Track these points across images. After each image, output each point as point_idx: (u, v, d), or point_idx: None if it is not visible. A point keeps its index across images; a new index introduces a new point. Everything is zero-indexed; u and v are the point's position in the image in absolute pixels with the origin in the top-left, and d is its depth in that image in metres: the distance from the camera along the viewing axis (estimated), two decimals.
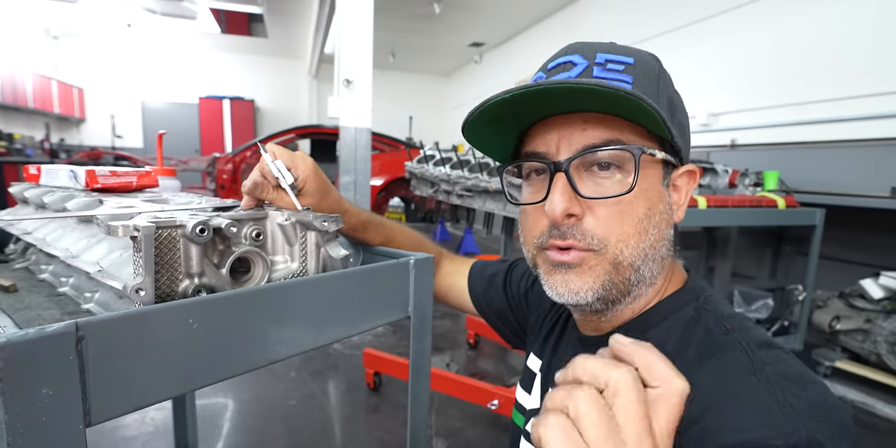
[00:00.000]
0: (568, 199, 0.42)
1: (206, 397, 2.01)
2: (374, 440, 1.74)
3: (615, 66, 0.44)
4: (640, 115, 0.41)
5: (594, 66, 0.44)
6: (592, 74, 0.43)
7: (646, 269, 0.44)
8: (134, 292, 0.32)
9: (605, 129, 0.43)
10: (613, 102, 0.40)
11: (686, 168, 0.48)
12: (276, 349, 0.39)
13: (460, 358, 2.56)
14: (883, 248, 2.50)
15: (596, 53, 0.45)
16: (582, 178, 0.44)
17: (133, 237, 0.33)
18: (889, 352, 2.04)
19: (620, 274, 0.44)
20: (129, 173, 0.65)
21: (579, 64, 0.44)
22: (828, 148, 2.82)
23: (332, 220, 0.45)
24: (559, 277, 0.45)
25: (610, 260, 0.43)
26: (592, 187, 0.43)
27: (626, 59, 0.44)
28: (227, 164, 4.89)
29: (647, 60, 0.46)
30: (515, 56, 7.00)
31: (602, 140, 0.42)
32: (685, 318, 0.46)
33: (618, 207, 0.43)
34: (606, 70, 0.43)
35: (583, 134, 0.43)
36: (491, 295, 0.74)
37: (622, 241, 0.43)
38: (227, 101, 8.45)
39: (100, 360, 0.28)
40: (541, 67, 0.49)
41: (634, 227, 0.43)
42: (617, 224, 0.43)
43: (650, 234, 0.44)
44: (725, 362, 0.40)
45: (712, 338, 0.43)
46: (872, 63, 2.60)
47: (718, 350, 0.41)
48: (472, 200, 1.90)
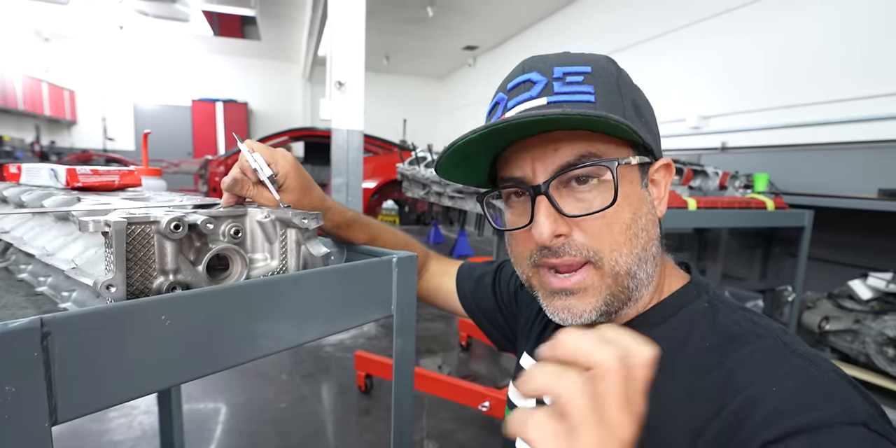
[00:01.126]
0: (553, 220, 0.43)
1: (197, 401, 1.99)
2: (364, 443, 1.73)
3: (574, 77, 0.44)
4: (610, 130, 0.41)
5: (553, 81, 0.44)
6: (553, 90, 0.43)
7: (642, 273, 0.45)
8: (104, 288, 0.31)
9: (576, 144, 0.43)
10: (581, 122, 0.40)
11: (661, 162, 0.48)
12: (255, 346, 0.38)
13: (452, 360, 2.55)
14: (871, 249, 2.52)
15: (552, 68, 0.44)
16: (562, 196, 0.44)
17: (104, 233, 0.32)
18: (877, 352, 2.05)
19: (619, 284, 0.44)
20: (112, 172, 0.64)
21: (538, 81, 0.44)
22: (816, 150, 2.85)
23: (313, 218, 0.45)
24: (560, 304, 0.45)
25: (609, 272, 0.44)
26: (574, 204, 0.44)
27: (584, 68, 0.44)
28: (219, 167, 4.87)
29: (603, 65, 0.46)
30: (509, 59, 7.02)
31: (575, 157, 0.43)
32: (699, 309, 0.46)
33: (604, 220, 0.43)
34: (566, 83, 0.43)
35: (556, 153, 0.43)
36: (479, 295, 0.74)
37: (615, 251, 0.43)
38: (221, 104, 8.43)
39: (67, 357, 0.28)
40: (500, 87, 0.49)
41: (624, 235, 0.43)
42: (607, 235, 0.43)
43: (640, 238, 0.44)
44: (761, 348, 0.40)
45: (739, 326, 0.43)
46: (860, 66, 2.64)
47: (750, 337, 0.42)
48: (464, 202, 1.90)
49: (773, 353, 0.39)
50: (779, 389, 0.36)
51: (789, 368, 0.37)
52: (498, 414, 1.71)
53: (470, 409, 1.91)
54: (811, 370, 0.37)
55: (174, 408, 1.08)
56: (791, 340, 0.41)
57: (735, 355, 0.40)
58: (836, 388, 0.35)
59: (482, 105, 7.94)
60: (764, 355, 0.39)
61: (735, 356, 0.40)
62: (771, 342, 0.40)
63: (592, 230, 0.43)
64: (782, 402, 0.35)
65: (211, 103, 8.40)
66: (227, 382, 2.16)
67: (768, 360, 0.39)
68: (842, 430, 0.31)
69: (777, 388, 0.36)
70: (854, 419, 0.32)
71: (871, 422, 0.32)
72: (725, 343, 0.42)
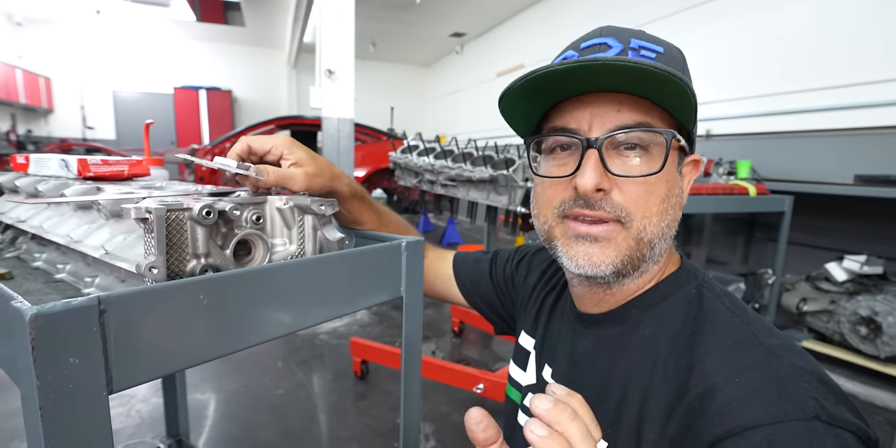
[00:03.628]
0: (599, 174, 0.43)
1: (192, 389, 2.01)
2: (362, 426, 1.78)
3: (648, 53, 0.45)
4: (677, 101, 0.43)
5: (629, 50, 0.45)
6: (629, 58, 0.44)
7: (658, 248, 0.46)
8: (148, 270, 0.34)
9: (637, 111, 0.44)
10: (656, 86, 0.41)
11: (693, 157, 0.51)
12: (281, 324, 0.41)
13: (445, 345, 2.61)
14: (846, 233, 2.62)
15: (630, 39, 0.46)
16: (611, 156, 0.45)
17: (144, 219, 0.34)
18: (851, 331, 2.15)
19: (640, 250, 0.45)
20: (121, 162, 0.66)
21: (614, 46, 0.45)
22: (796, 137, 2.93)
23: (329, 204, 0.47)
24: (581, 249, 0.46)
25: (634, 235, 0.45)
26: (621, 166, 0.45)
27: (657, 47, 0.46)
28: (206, 156, 4.80)
29: (674, 52, 0.47)
30: (496, 46, 7.00)
31: (635, 122, 0.44)
32: (688, 295, 0.49)
33: (644, 186, 0.44)
34: (640, 56, 0.44)
35: (617, 114, 0.44)
36: (477, 280, 0.76)
37: (647, 218, 0.45)
38: (204, 92, 8.26)
39: (120, 332, 0.30)
40: (570, 46, 0.49)
41: (658, 206, 0.45)
42: (643, 201, 0.44)
43: (668, 214, 0.46)
44: (731, 336, 0.43)
45: (717, 313, 0.46)
46: (838, 56, 2.70)
47: (724, 325, 0.44)
48: (456, 190, 1.92)
49: (741, 344, 0.41)
50: (740, 381, 0.38)
51: (752, 361, 0.40)
52: (492, 395, 1.77)
53: (464, 392, 1.96)
54: (773, 363, 0.39)
55: (179, 394, 1.11)
56: (760, 330, 0.43)
57: (709, 341, 0.43)
58: (791, 383, 0.37)
59: (470, 92, 7.91)
60: (732, 344, 0.42)
61: (709, 342, 0.43)
62: (742, 332, 0.43)
63: (631, 193, 0.44)
64: (740, 394, 0.37)
65: (194, 91, 8.23)
66: (222, 371, 2.18)
67: (735, 350, 0.41)
68: (796, 425, 0.34)
69: (739, 379, 0.38)
70: (806, 415, 0.35)
71: (821, 414, 0.35)
72: (703, 329, 0.44)
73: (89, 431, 0.29)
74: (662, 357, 0.45)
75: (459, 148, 1.97)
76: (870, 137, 2.57)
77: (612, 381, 0.48)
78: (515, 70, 6.31)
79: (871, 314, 2.07)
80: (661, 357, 0.45)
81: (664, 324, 0.47)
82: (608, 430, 0.46)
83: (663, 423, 0.41)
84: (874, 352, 2.07)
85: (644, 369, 0.45)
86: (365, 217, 0.63)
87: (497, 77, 6.84)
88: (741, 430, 0.35)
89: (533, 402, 0.28)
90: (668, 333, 0.46)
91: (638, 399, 0.44)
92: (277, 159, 0.53)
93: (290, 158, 0.52)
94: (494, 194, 1.79)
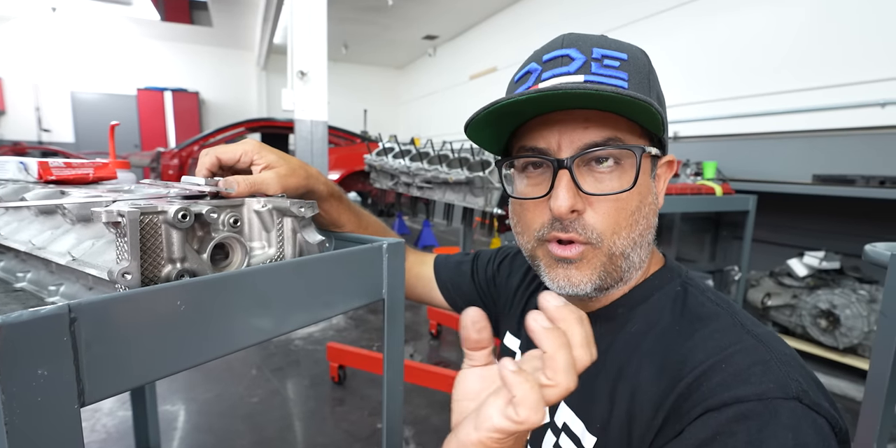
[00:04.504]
0: (572, 195, 0.44)
1: (162, 400, 1.94)
2: (341, 432, 1.75)
3: (611, 62, 0.45)
4: (643, 117, 0.43)
5: (591, 61, 0.45)
6: (590, 70, 0.44)
7: (635, 256, 0.47)
8: (121, 276, 0.32)
9: (606, 127, 0.44)
10: (620, 104, 0.41)
11: (666, 158, 0.51)
12: (261, 329, 0.40)
13: (423, 348, 2.60)
14: (806, 231, 2.74)
15: (592, 48, 0.45)
16: (581, 173, 0.45)
17: (116, 223, 0.33)
18: (812, 324, 2.25)
19: (614, 263, 0.46)
20: (85, 165, 0.63)
21: (577, 58, 0.45)
22: (758, 139, 3.05)
23: (309, 206, 0.46)
24: (561, 272, 0.47)
25: (605, 252, 0.46)
26: (593, 184, 0.45)
27: (620, 54, 0.46)
28: (172, 160, 4.66)
29: (638, 56, 0.47)
30: (469, 50, 7.05)
31: (603, 138, 0.44)
32: (673, 292, 0.50)
33: (616, 203, 0.45)
34: (604, 66, 0.45)
35: (585, 132, 0.44)
36: (459, 282, 0.76)
37: (615, 234, 0.45)
38: (169, 93, 8.03)
39: (92, 342, 0.29)
40: (532, 57, 0.49)
41: (627, 220, 0.46)
42: (613, 218, 0.45)
43: (639, 225, 0.47)
44: (720, 328, 0.44)
45: (703, 307, 0.47)
46: (797, 61, 2.83)
47: (712, 318, 0.45)
48: (433, 192, 1.92)
49: (730, 333, 0.43)
50: (727, 366, 0.39)
51: (740, 347, 0.41)
52: None
53: (442, 394, 1.96)
54: (760, 349, 0.40)
55: (149, 405, 1.07)
56: (747, 321, 0.45)
57: (698, 334, 0.44)
58: (776, 365, 0.38)
59: (443, 95, 7.93)
60: (721, 335, 0.43)
61: (697, 334, 0.44)
62: (729, 322, 0.44)
63: (603, 211, 0.45)
64: (726, 377, 0.38)
65: (158, 92, 7.99)
66: (193, 380, 2.12)
67: (724, 339, 0.42)
68: (774, 402, 0.35)
69: (726, 364, 0.40)
70: (787, 394, 0.36)
71: (802, 396, 0.36)
72: (691, 324, 0.45)
73: (60, 447, 0.28)
74: (651, 353, 0.46)
75: (435, 150, 1.97)
76: (826, 139, 2.70)
77: (601, 379, 0.48)
78: (488, 73, 6.36)
79: (829, 307, 2.17)
80: (650, 353, 0.46)
81: (651, 321, 0.48)
82: (597, 426, 0.47)
83: (652, 416, 0.42)
84: (833, 343, 2.17)
85: (632, 366, 0.46)
86: (343, 218, 0.62)
87: (470, 80, 6.89)
88: (720, 405, 0.36)
89: (543, 297, 0.27)
90: (656, 330, 0.47)
91: (627, 395, 0.45)
92: (248, 166, 0.52)
93: (260, 163, 0.51)
94: (471, 196, 1.80)
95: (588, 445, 0.47)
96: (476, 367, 0.31)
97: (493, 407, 0.26)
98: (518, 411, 0.24)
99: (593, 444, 0.47)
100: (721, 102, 3.27)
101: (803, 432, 0.34)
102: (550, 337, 0.25)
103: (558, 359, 0.25)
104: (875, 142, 2.50)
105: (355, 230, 0.64)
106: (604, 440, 0.46)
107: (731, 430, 0.35)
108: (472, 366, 0.31)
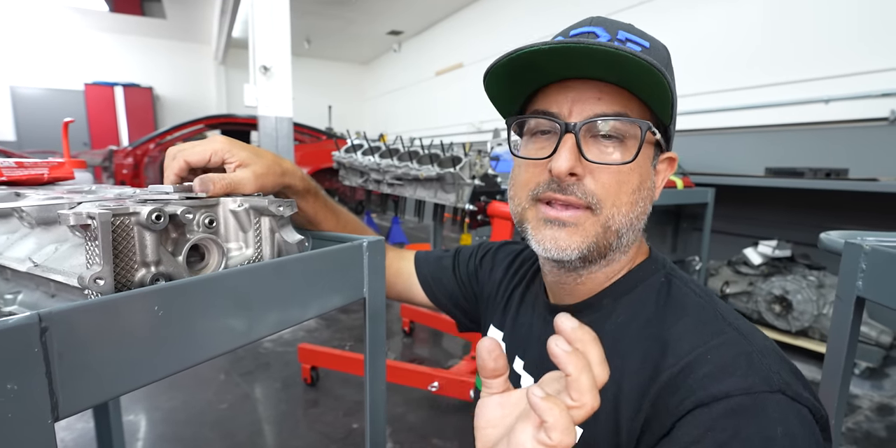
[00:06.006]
0: (574, 158, 0.44)
1: (126, 411, 1.86)
2: (315, 434, 1.72)
3: (634, 46, 0.46)
4: (655, 94, 0.44)
5: (616, 41, 0.46)
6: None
7: (626, 238, 0.48)
8: (93, 282, 0.30)
9: (617, 102, 0.45)
10: (635, 75, 0.42)
11: (668, 155, 0.52)
12: (242, 333, 0.39)
13: (397, 346, 2.58)
14: (760, 221, 2.88)
15: (618, 30, 0.46)
16: (587, 143, 0.46)
17: (85, 226, 0.31)
18: (767, 309, 2.37)
19: (607, 238, 0.47)
20: (40, 164, 0.59)
21: (602, 36, 0.46)
22: (715, 134, 3.19)
23: (287, 205, 0.45)
24: (548, 233, 0.47)
25: (602, 222, 0.46)
26: (596, 153, 0.46)
27: (644, 41, 0.47)
28: (126, 158, 4.44)
29: (660, 47, 0.48)
30: (434, 45, 7.02)
31: (614, 111, 0.45)
32: (657, 284, 0.51)
33: (617, 176, 0.46)
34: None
35: (597, 102, 0.45)
36: (440, 277, 0.75)
37: (616, 207, 0.46)
38: (120, 89, 7.64)
39: (65, 352, 0.27)
40: (560, 33, 0.50)
41: (629, 197, 0.46)
42: (614, 190, 0.46)
43: (638, 206, 0.47)
44: (703, 320, 0.45)
45: (687, 298, 0.48)
46: (749, 59, 2.96)
47: (695, 309, 0.46)
48: (403, 189, 1.91)
49: (712, 325, 0.44)
50: (712, 357, 0.41)
51: (724, 339, 0.42)
52: (446, 393, 1.77)
53: (418, 392, 1.96)
54: (741, 342, 0.42)
55: (112, 416, 1.02)
56: (727, 313, 0.46)
57: (681, 324, 0.45)
58: (758, 358, 0.40)
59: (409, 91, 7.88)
60: (704, 326, 0.44)
61: (681, 325, 0.45)
62: (712, 314, 0.45)
63: (604, 180, 0.45)
64: (712, 370, 0.40)
65: (108, 87, 7.59)
66: (156, 388, 2.03)
67: (707, 331, 0.43)
68: (761, 397, 0.37)
69: (710, 356, 0.41)
70: (771, 387, 0.37)
71: (785, 388, 0.37)
72: (675, 314, 0.47)
73: None
74: (635, 342, 0.47)
75: (405, 146, 1.96)
76: (777, 134, 2.85)
77: None
78: (454, 69, 6.36)
79: (783, 293, 2.30)
80: (635, 342, 0.47)
81: (636, 311, 0.49)
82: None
83: (638, 405, 0.43)
84: (787, 327, 2.29)
85: (618, 355, 0.47)
86: (320, 216, 0.61)
87: (436, 76, 6.86)
88: (710, 401, 0.38)
89: (560, 320, 0.28)
90: (640, 320, 0.48)
91: (613, 385, 0.46)
92: (220, 164, 0.49)
93: (232, 161, 0.48)
94: (442, 192, 1.80)
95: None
96: (495, 395, 0.31)
97: (524, 434, 0.26)
98: (551, 436, 0.24)
99: (580, 435, 0.48)
100: (680, 99, 3.38)
101: (790, 424, 0.36)
102: (573, 361, 0.26)
103: (583, 381, 0.25)
104: (820, 136, 2.66)
105: (333, 228, 0.63)
106: (591, 430, 0.47)
107: (721, 426, 0.36)
108: (491, 393, 0.32)
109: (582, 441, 0.47)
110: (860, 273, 0.57)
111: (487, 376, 0.31)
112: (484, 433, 0.31)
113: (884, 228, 0.78)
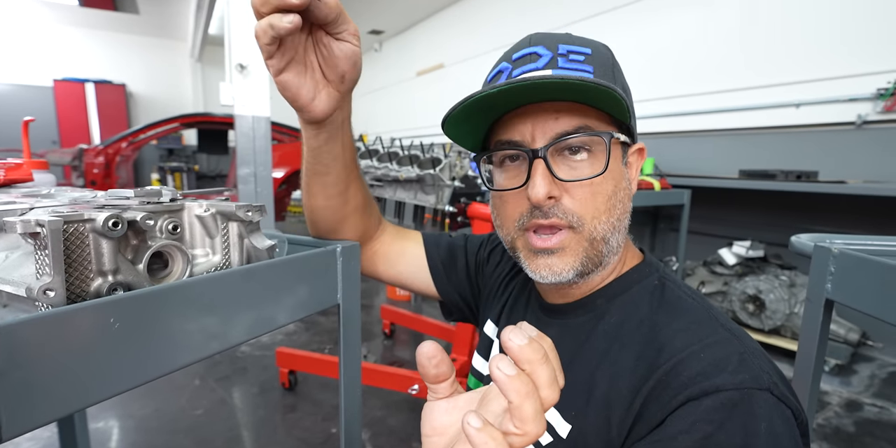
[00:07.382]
0: (548, 182, 0.46)
1: (92, 418, 1.80)
2: (294, 439, 1.70)
3: (576, 56, 0.47)
4: (609, 105, 0.45)
5: (558, 57, 0.47)
6: (558, 65, 0.47)
7: (613, 240, 0.49)
8: (42, 294, 0.29)
9: (575, 116, 0.46)
10: (587, 93, 0.43)
11: (636, 146, 0.54)
12: (208, 344, 0.37)
13: (377, 348, 2.56)
14: (734, 222, 2.95)
15: (557, 45, 0.48)
16: (556, 162, 0.47)
17: (34, 234, 0.29)
18: (741, 308, 2.43)
19: (595, 248, 0.48)
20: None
21: (544, 55, 0.47)
22: (691, 137, 3.25)
23: (257, 210, 0.44)
24: (542, 262, 0.48)
25: (587, 237, 0.48)
26: (567, 171, 0.47)
27: (585, 49, 0.48)
28: (97, 157, 4.31)
29: (602, 50, 0.50)
30: (415, 45, 6.99)
31: (574, 127, 0.46)
32: (650, 286, 0.52)
33: (591, 188, 0.47)
34: (570, 61, 0.47)
35: (556, 122, 0.46)
36: (453, 265, 0.72)
37: (596, 218, 0.47)
38: (91, 85, 7.40)
39: (9, 369, 0.26)
40: (503, 57, 0.52)
41: (605, 204, 0.48)
42: (591, 203, 0.47)
43: (617, 209, 0.49)
44: (696, 320, 0.46)
45: (680, 301, 0.49)
46: (723, 63, 3.03)
47: (689, 311, 0.47)
48: (383, 190, 1.89)
49: (705, 326, 0.45)
50: (705, 356, 0.42)
51: (716, 339, 0.43)
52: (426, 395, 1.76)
53: (398, 395, 1.94)
54: (733, 342, 0.43)
55: (78, 424, 0.98)
56: (720, 316, 0.47)
57: (675, 325, 0.46)
58: (749, 358, 0.41)
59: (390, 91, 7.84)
60: (697, 327, 0.45)
61: (675, 325, 0.46)
62: (705, 316, 0.47)
63: (580, 196, 0.47)
64: (705, 367, 0.40)
65: (79, 84, 7.34)
66: (129, 394, 1.97)
67: (700, 331, 0.44)
68: (749, 392, 0.38)
69: (703, 354, 0.42)
70: (760, 385, 0.38)
71: (773, 388, 0.39)
72: (668, 315, 0.48)
73: None
74: (629, 342, 0.47)
75: (385, 147, 1.94)
76: (750, 137, 2.92)
77: (579, 368, 0.49)
78: (435, 69, 6.35)
79: (756, 292, 2.35)
80: (628, 343, 0.47)
81: (629, 312, 0.50)
82: (572, 413, 0.48)
83: (629, 402, 0.44)
84: (760, 325, 2.35)
85: (611, 355, 0.48)
86: (339, 157, 0.58)
87: (417, 76, 6.84)
88: (700, 395, 0.39)
89: (506, 335, 0.25)
90: (634, 321, 0.49)
91: (605, 383, 0.46)
92: (325, 21, 0.48)
93: (347, 28, 0.48)
94: (422, 194, 1.79)
95: (563, 433, 0.48)
96: (441, 400, 0.31)
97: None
98: None
99: (568, 431, 0.48)
100: (657, 102, 3.44)
101: (774, 423, 0.37)
102: (515, 387, 0.23)
103: (525, 409, 0.23)
104: (792, 139, 2.73)
105: (349, 176, 0.59)
106: (580, 427, 0.47)
107: (709, 418, 0.37)
108: (437, 398, 0.31)
109: (571, 438, 0.47)
110: (829, 276, 0.58)
111: (430, 382, 0.30)
112: (431, 441, 0.30)
113: (852, 230, 0.80)
